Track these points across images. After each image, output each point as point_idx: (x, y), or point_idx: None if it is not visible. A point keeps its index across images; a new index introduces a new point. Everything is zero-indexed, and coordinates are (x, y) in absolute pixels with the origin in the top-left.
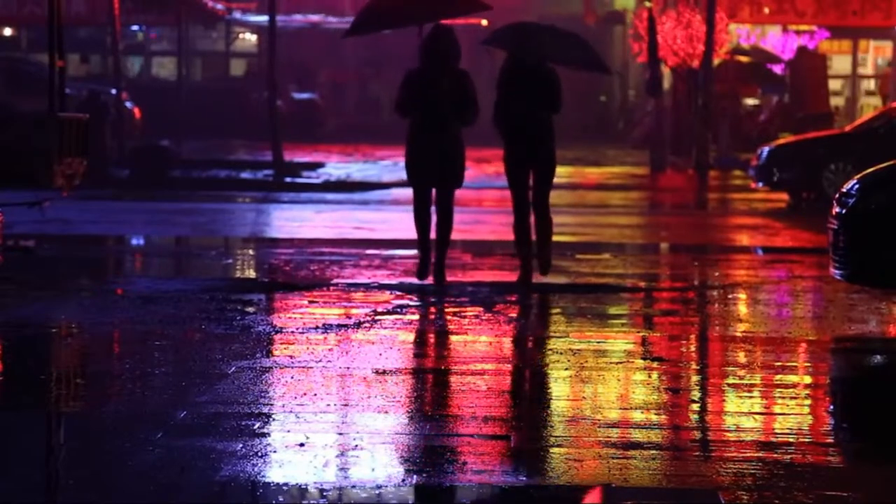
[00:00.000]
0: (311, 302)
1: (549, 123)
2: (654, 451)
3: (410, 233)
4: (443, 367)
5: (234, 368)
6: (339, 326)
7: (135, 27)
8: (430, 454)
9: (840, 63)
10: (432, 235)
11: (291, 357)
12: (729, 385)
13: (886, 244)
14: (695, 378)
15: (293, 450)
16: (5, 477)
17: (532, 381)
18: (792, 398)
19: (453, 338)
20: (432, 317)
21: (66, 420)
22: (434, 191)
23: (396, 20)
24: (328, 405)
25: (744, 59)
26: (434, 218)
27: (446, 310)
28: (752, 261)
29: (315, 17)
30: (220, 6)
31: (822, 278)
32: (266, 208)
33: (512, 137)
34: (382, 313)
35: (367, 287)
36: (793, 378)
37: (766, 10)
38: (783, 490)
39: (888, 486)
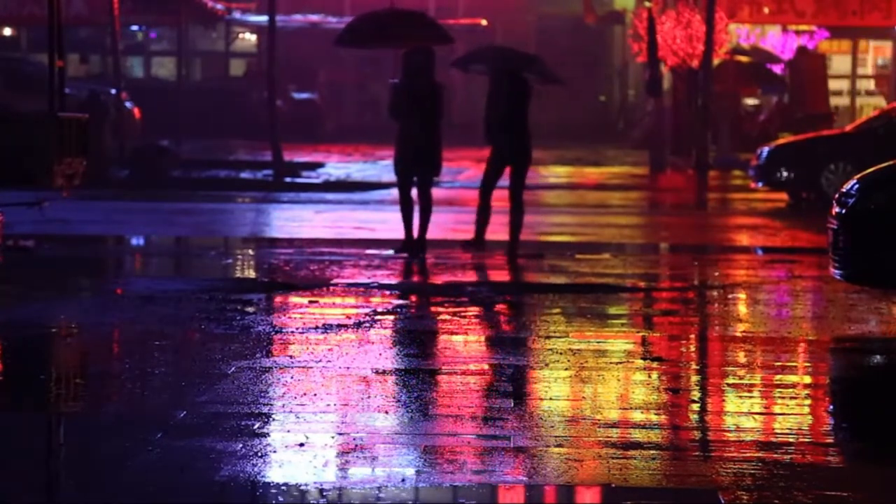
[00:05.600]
0: (311, 302)
1: (527, 123)
2: (654, 451)
3: None
4: (442, 367)
5: (234, 368)
6: (339, 326)
7: (135, 27)
8: (430, 454)
9: (840, 63)
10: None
11: (291, 357)
12: (729, 385)
13: (886, 244)
14: (695, 378)
15: (293, 450)
16: (5, 477)
17: (532, 381)
18: (792, 398)
19: (453, 338)
20: (432, 317)
21: (66, 420)
22: (416, 179)
23: (380, 41)
24: (328, 405)
25: (744, 59)
26: (417, 202)
27: (446, 309)
28: (752, 261)
29: (315, 17)
30: (220, 6)
31: (822, 278)
32: (266, 208)
33: (496, 136)
34: (382, 313)
35: (367, 287)
36: (793, 378)
37: (766, 10)
38: (783, 490)
39: (888, 486)
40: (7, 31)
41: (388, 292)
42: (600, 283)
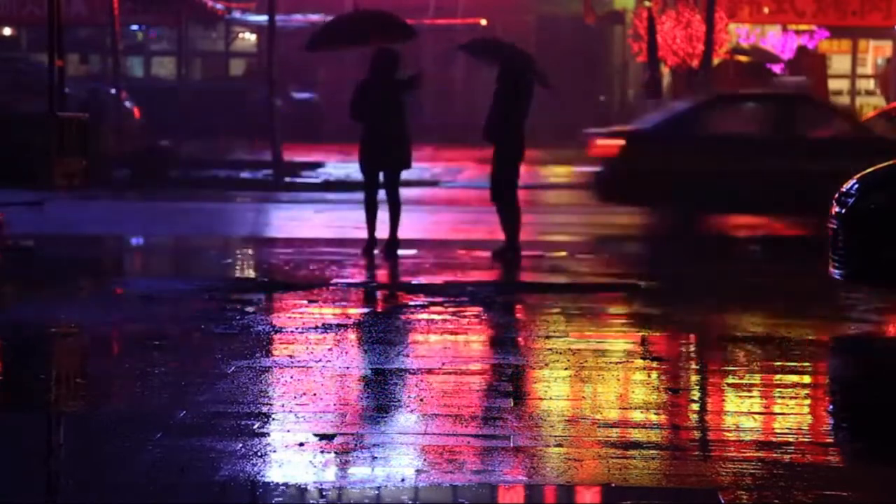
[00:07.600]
0: (311, 302)
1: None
2: (653, 451)
3: (410, 233)
4: (442, 367)
5: (233, 368)
6: (339, 326)
7: (135, 27)
8: (430, 454)
9: (840, 63)
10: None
11: (291, 357)
12: (729, 385)
13: (886, 244)
14: (695, 378)
15: (293, 450)
16: (5, 477)
17: (532, 380)
18: (792, 398)
19: (453, 337)
20: (432, 316)
21: (66, 420)
22: (382, 176)
23: (346, 42)
24: (328, 405)
25: (744, 58)
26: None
27: (446, 309)
28: (751, 260)
29: (315, 17)
30: (220, 6)
31: (822, 278)
32: (266, 208)
33: (518, 136)
34: (382, 313)
35: (366, 287)
36: (793, 378)
37: (766, 10)
38: (783, 490)
39: (888, 486)
40: (7, 31)
41: (387, 292)
42: (600, 283)
